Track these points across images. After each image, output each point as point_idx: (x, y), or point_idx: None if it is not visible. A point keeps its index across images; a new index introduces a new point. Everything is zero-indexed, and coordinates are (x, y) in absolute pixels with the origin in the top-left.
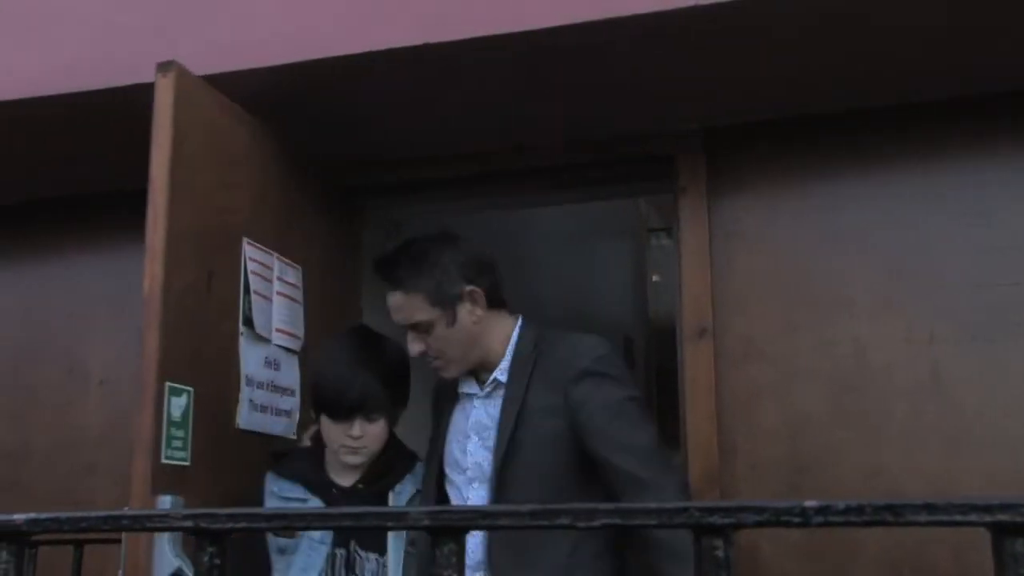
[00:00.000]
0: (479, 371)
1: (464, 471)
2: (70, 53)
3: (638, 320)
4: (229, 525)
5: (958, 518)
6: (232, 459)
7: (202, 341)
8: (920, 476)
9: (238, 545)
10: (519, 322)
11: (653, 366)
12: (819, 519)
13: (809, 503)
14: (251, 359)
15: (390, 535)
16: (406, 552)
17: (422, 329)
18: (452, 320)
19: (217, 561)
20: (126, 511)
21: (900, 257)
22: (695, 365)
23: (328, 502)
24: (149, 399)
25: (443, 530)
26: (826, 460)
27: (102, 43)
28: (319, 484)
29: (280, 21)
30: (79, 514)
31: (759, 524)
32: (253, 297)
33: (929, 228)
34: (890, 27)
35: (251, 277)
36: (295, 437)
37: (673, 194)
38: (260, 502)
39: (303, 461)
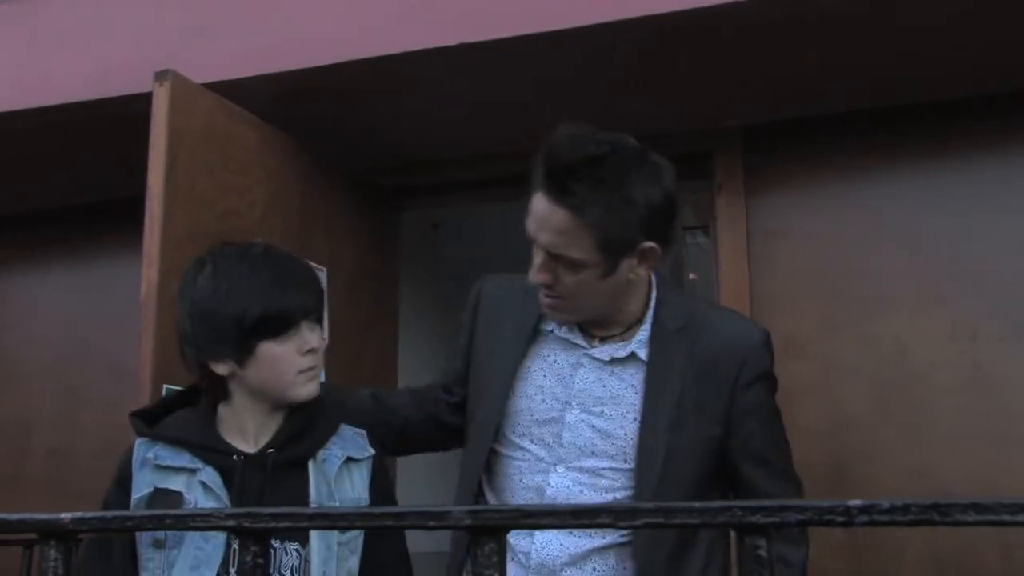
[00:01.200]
0: (594, 324)
1: (550, 446)
2: (101, 60)
3: None
4: (272, 524)
5: (1007, 518)
6: None
7: None
8: (965, 475)
9: (91, 543)
10: (654, 279)
11: None
12: (863, 519)
13: (853, 502)
14: None
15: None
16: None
17: (565, 265)
18: (610, 271)
19: (260, 560)
20: (171, 512)
21: (943, 253)
22: None
23: (226, 473)
24: (145, 400)
25: (484, 529)
26: (868, 459)
27: (132, 50)
28: (212, 449)
29: (307, 25)
30: (124, 513)
31: (802, 524)
32: None
33: (972, 224)
34: (927, 26)
35: None
36: None
37: (710, 192)
38: (125, 480)
39: (187, 420)
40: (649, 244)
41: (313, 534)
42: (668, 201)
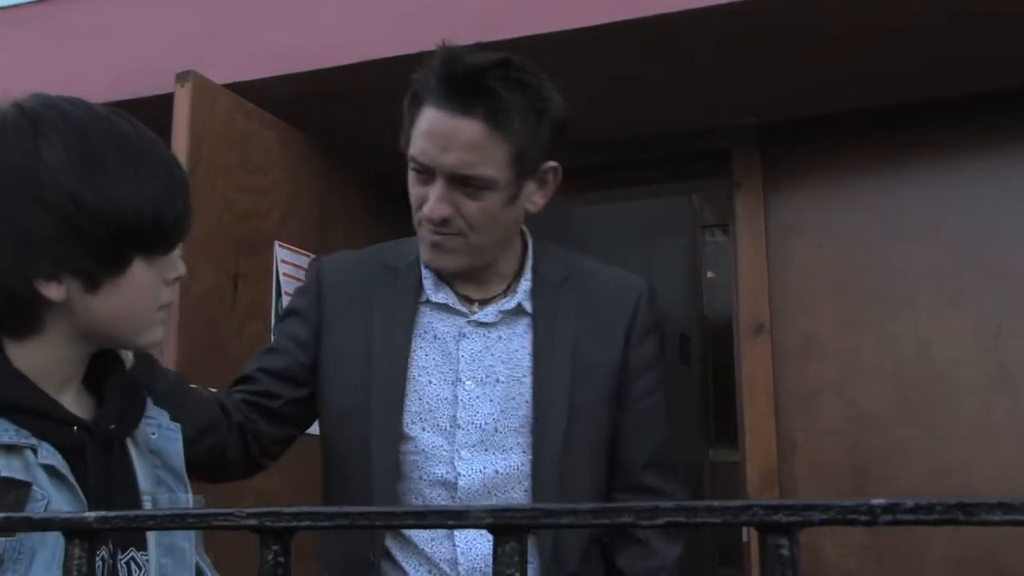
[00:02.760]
0: (464, 282)
1: (447, 430)
2: (123, 62)
3: (693, 317)
4: (293, 524)
5: None
6: None
7: (229, 342)
8: (988, 475)
9: None
10: (525, 228)
11: (709, 363)
12: (887, 518)
13: (876, 501)
14: None
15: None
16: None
17: (469, 190)
18: (515, 195)
19: (281, 559)
20: (191, 510)
21: (964, 250)
22: (752, 362)
23: (66, 451)
24: None
25: (507, 529)
26: (890, 459)
27: (153, 52)
28: (47, 416)
29: (326, 26)
30: (146, 512)
31: (825, 523)
32: (285, 299)
33: (994, 220)
34: (944, 17)
35: (283, 279)
36: None
37: (728, 190)
38: None
39: (12, 380)
40: (552, 164)
41: (151, 539)
42: (567, 117)
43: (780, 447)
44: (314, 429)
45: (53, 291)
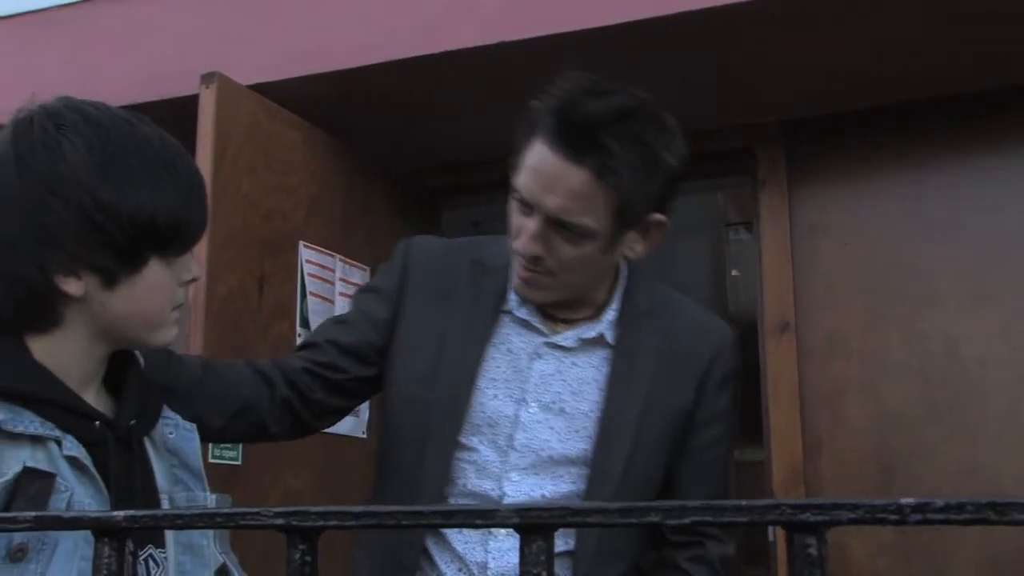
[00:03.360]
0: (557, 306)
1: (501, 448)
2: (148, 63)
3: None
4: (320, 523)
5: None
6: (291, 458)
7: (255, 342)
8: (1019, 474)
9: None
10: (623, 265)
11: None
12: (916, 517)
13: (906, 500)
14: None
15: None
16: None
17: (567, 233)
18: (613, 245)
19: (308, 558)
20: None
21: (992, 247)
22: (777, 360)
23: (88, 445)
24: None
25: (534, 528)
26: (917, 458)
27: (178, 54)
28: (70, 410)
29: (347, 27)
30: (175, 511)
31: (853, 522)
32: (310, 299)
33: (1022, 216)
34: (972, 13)
35: (308, 279)
36: (364, 436)
37: (752, 188)
38: None
39: (25, 366)
40: (659, 217)
41: (169, 538)
42: (685, 169)
43: (806, 446)
44: (339, 428)
45: (72, 286)
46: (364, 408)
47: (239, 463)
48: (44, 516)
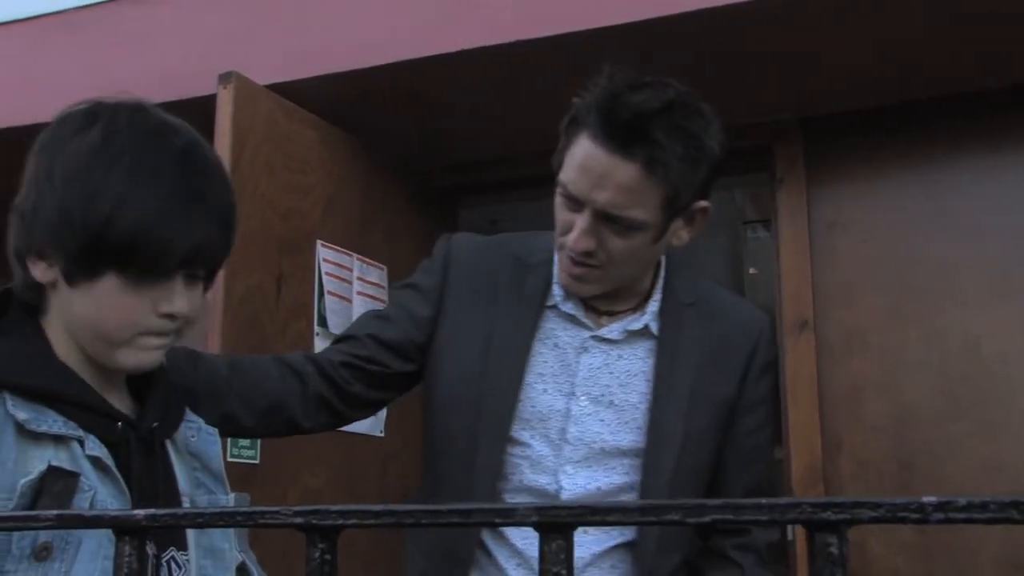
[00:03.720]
0: (600, 298)
1: (555, 442)
2: (165, 64)
3: None
4: (340, 522)
5: None
6: (308, 457)
7: (273, 341)
8: None
9: None
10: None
11: None
12: (939, 516)
13: (927, 499)
14: None
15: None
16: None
17: (617, 226)
18: (661, 235)
19: (328, 557)
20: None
21: (1013, 243)
22: (796, 358)
23: (110, 446)
24: None
25: (553, 527)
26: (938, 455)
27: (195, 54)
28: (91, 409)
29: (363, 26)
30: (195, 510)
31: (875, 520)
32: (328, 298)
33: None
34: (992, 12)
35: (325, 278)
36: (381, 435)
37: (770, 186)
38: None
39: (19, 352)
40: (703, 204)
41: (191, 539)
42: (724, 154)
43: (825, 444)
44: (357, 427)
45: (39, 269)
46: None
47: (257, 462)
48: (65, 514)
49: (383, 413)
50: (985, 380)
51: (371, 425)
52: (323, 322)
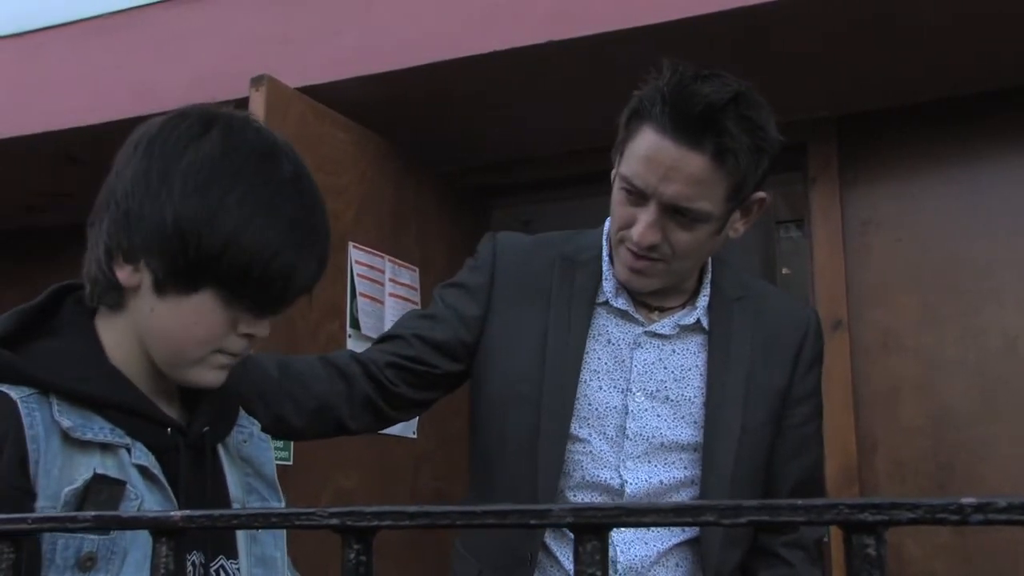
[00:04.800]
0: (651, 294)
1: (614, 439)
2: (198, 68)
3: None
4: (375, 523)
5: None
6: (341, 458)
7: (305, 342)
8: None
9: None
10: None
11: None
12: (978, 517)
13: (967, 500)
14: None
15: (245, 534)
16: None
17: (683, 219)
18: (722, 227)
19: (363, 558)
20: (275, 510)
21: None
22: (830, 358)
23: (159, 452)
24: None
25: (588, 528)
26: (976, 456)
27: (228, 58)
28: (140, 415)
29: (395, 29)
30: (230, 512)
31: (913, 522)
32: (360, 300)
33: None
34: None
35: (358, 280)
36: (414, 436)
37: (803, 185)
38: (24, 459)
39: (70, 354)
40: (761, 195)
41: (241, 545)
42: (780, 148)
43: (860, 445)
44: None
45: (125, 273)
46: None
47: (290, 463)
48: (103, 516)
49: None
50: (1023, 381)
51: (404, 427)
52: (355, 324)
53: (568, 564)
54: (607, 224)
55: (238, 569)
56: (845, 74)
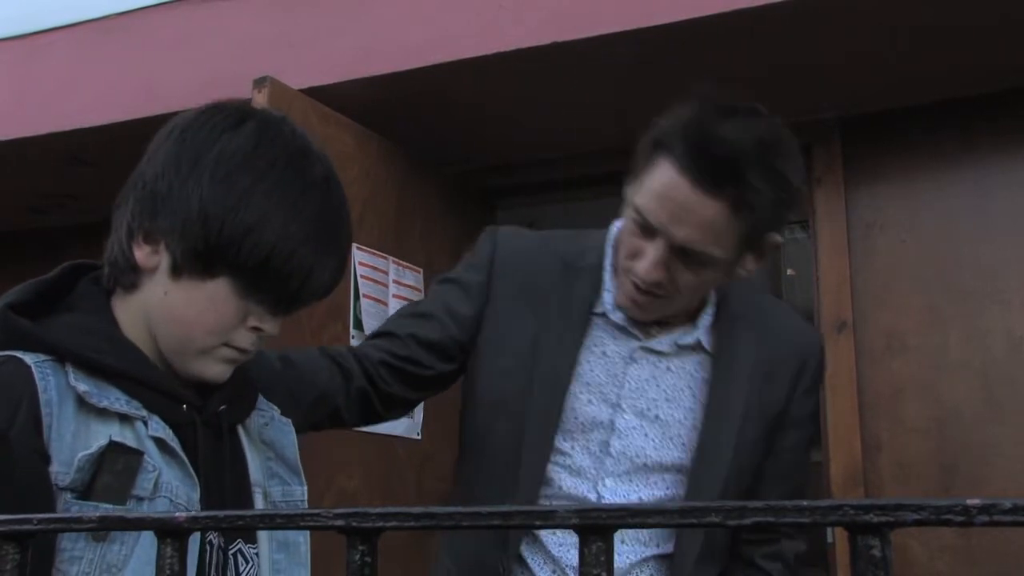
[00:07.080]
0: None
1: (596, 455)
2: (202, 70)
3: None
4: (380, 524)
5: None
6: (344, 459)
7: (308, 343)
8: None
9: None
10: None
11: None
12: (983, 518)
13: (972, 501)
14: None
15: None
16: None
17: (690, 260)
18: (731, 269)
19: (368, 559)
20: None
21: None
22: (835, 360)
23: (176, 428)
24: None
25: (593, 529)
26: (980, 458)
27: (231, 60)
28: (157, 389)
29: (399, 30)
30: (235, 512)
31: (918, 523)
32: (363, 301)
33: None
34: None
35: (361, 281)
36: (418, 437)
37: (808, 186)
38: (37, 421)
39: (86, 328)
40: (776, 238)
41: (261, 533)
42: (803, 186)
43: (865, 446)
44: (395, 429)
45: (144, 253)
46: (419, 410)
47: None
48: (108, 516)
49: (420, 416)
50: None
51: (408, 428)
52: (359, 325)
53: (538, 570)
54: (613, 228)
55: (256, 554)
56: (850, 75)
